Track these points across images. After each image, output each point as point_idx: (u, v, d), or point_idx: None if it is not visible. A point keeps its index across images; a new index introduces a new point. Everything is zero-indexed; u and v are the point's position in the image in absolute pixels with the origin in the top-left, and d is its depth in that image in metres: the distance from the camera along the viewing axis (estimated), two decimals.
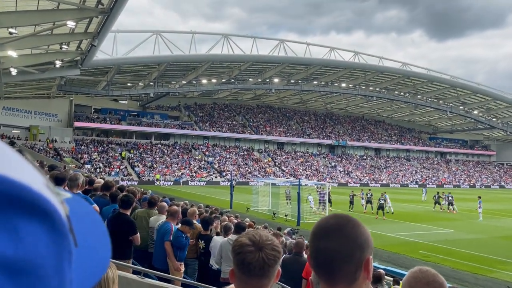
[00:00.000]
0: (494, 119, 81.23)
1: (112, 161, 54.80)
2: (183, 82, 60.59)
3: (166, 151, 61.90)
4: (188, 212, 7.97)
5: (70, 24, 23.05)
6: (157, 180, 51.82)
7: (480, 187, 73.64)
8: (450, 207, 29.96)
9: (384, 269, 8.51)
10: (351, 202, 28.48)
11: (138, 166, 55.16)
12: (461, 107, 77.10)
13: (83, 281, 0.45)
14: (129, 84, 59.18)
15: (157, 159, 58.72)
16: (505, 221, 26.30)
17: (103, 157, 55.07)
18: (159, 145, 62.86)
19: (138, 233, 5.95)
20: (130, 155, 57.88)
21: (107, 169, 51.62)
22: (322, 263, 1.21)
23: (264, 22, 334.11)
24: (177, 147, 63.89)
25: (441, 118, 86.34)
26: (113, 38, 43.79)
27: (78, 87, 54.09)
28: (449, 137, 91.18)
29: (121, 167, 53.83)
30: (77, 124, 58.41)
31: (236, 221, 9.88)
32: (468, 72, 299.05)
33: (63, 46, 28.94)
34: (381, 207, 25.13)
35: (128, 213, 6.02)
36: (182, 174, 55.78)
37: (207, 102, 75.17)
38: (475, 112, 78.32)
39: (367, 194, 28.28)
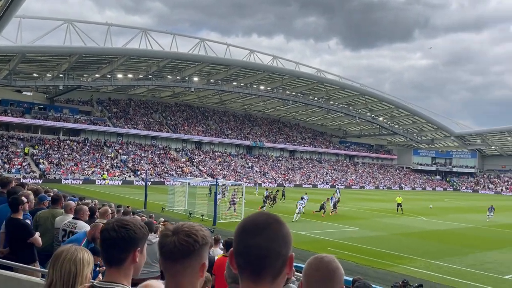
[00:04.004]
0: (396, 126, 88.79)
1: (13, 157, 50.19)
2: (97, 75, 57.65)
3: (75, 147, 58.20)
4: (99, 212, 7.56)
5: None
6: (104, 179, 51.00)
7: (383, 188, 79.84)
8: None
9: (294, 266, 8.86)
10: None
11: (43, 163, 51.17)
12: (368, 114, 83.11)
13: None
14: (35, 75, 54.83)
15: (65, 156, 54.98)
16: (404, 219, 28.81)
17: (2, 153, 50.21)
18: (68, 141, 58.91)
19: (36, 234, 5.61)
20: (34, 151, 53.48)
21: (6, 165, 47.19)
22: (252, 260, 1.24)
23: (187, 19, 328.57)
24: (88, 144, 60.41)
25: (351, 123, 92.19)
26: (17, 23, 40.30)
27: None
28: (357, 141, 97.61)
29: (24, 163, 49.54)
30: None
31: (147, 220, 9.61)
32: (376, 81, 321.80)
33: None
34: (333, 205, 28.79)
35: (19, 216, 5.61)
36: (93, 172, 52.91)
37: (122, 98, 72.14)
38: (381, 118, 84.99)
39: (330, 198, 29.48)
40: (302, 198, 26.36)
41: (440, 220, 29.63)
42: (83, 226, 5.90)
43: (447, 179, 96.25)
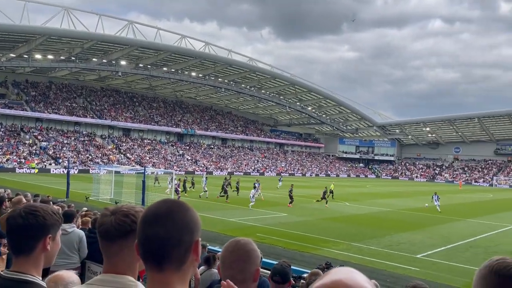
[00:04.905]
0: (324, 116, 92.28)
1: None
2: (12, 55, 53.17)
3: None
4: (12, 201, 7.02)
5: None
6: (33, 168, 47.60)
7: (311, 175, 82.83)
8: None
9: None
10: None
11: None
12: (298, 103, 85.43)
13: None
14: None
15: None
16: (329, 205, 30.10)
17: None
18: None
19: None
20: None
21: None
22: (150, 250, 1.21)
23: (115, 0, 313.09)
24: (2, 129, 55.68)
25: (281, 112, 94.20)
26: None
27: None
28: (287, 130, 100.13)
29: None
30: None
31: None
32: (306, 71, 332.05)
33: None
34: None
35: None
36: (8, 160, 48.96)
37: (42, 80, 67.19)
38: (309, 108, 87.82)
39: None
40: (254, 188, 26.94)
41: (362, 205, 31.44)
42: None
43: (370, 167, 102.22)
